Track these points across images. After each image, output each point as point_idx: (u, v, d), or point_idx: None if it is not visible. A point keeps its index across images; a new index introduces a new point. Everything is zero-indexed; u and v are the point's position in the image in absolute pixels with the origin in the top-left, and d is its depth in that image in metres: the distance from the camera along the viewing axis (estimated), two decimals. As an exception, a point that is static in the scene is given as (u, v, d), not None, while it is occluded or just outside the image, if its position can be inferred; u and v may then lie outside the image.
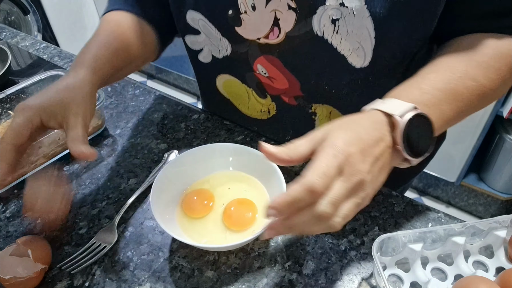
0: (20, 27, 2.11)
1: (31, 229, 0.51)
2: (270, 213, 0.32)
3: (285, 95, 0.58)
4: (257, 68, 0.55)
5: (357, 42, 0.45)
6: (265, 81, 0.57)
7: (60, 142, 0.61)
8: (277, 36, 0.49)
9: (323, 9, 0.44)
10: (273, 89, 0.57)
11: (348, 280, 0.44)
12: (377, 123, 0.36)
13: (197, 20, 0.54)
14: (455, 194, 1.66)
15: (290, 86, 0.55)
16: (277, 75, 0.54)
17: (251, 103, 0.61)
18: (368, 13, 0.42)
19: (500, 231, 0.45)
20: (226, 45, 0.55)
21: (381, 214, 0.51)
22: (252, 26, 0.50)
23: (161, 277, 0.45)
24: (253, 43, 0.52)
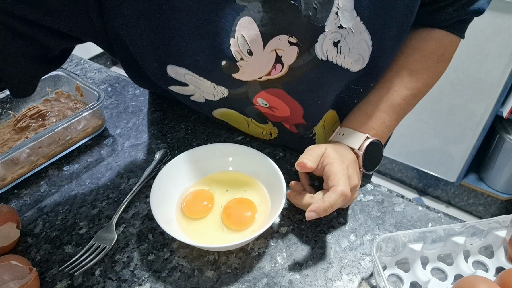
0: (20, 27, 2.11)
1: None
2: (310, 215, 0.43)
3: (286, 122, 0.58)
4: (257, 102, 0.54)
5: (358, 54, 0.47)
6: (266, 111, 0.56)
7: (60, 142, 0.61)
8: (280, 70, 0.48)
9: (323, 36, 0.45)
10: (274, 117, 0.57)
11: (348, 280, 0.44)
12: (348, 151, 0.50)
13: (183, 75, 0.49)
14: (455, 194, 1.66)
15: (292, 114, 0.55)
16: (279, 104, 0.54)
17: (251, 128, 0.61)
18: (364, 27, 0.45)
19: (500, 231, 0.45)
20: (222, 91, 0.51)
21: (381, 214, 0.51)
22: (252, 69, 0.47)
23: (161, 277, 0.45)
24: (253, 82, 0.50)
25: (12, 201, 0.56)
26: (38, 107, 0.67)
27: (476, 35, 1.21)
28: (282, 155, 0.60)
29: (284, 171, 0.50)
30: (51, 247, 0.49)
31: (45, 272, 0.46)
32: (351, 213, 0.52)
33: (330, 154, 0.47)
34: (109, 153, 0.63)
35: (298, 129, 0.59)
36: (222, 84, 0.50)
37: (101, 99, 0.63)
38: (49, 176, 0.59)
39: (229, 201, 0.50)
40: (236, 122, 0.61)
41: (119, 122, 0.69)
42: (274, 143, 0.62)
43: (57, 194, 0.56)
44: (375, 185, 0.55)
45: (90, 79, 0.80)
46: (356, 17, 0.44)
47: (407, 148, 1.61)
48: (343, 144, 0.51)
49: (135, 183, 0.56)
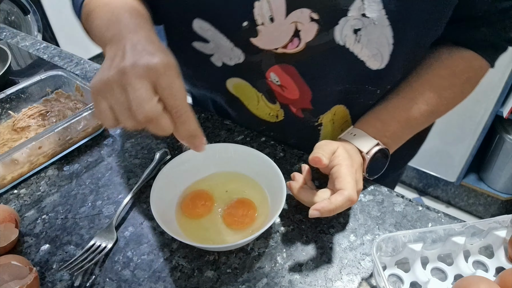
0: (20, 27, 2.11)
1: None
2: (314, 213, 0.43)
3: (293, 105, 0.57)
4: (269, 76, 0.54)
5: (376, 49, 0.46)
6: (276, 89, 0.55)
7: (60, 142, 0.61)
8: (296, 46, 0.48)
9: (345, 20, 0.44)
10: (283, 98, 0.57)
11: (348, 280, 0.44)
12: (356, 153, 0.50)
13: (206, 30, 0.50)
14: (455, 194, 1.66)
15: (301, 97, 0.55)
16: (290, 84, 0.53)
17: (260, 105, 0.60)
18: (388, 22, 0.44)
19: (500, 231, 0.45)
20: (239, 55, 0.52)
21: (381, 214, 0.51)
22: (270, 37, 0.48)
23: (161, 277, 0.45)
24: (268, 52, 0.50)
25: (12, 201, 0.56)
26: (38, 107, 0.67)
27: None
28: (282, 155, 0.60)
29: (284, 171, 0.50)
30: (51, 247, 0.49)
31: (45, 272, 0.46)
32: (351, 213, 0.51)
33: (341, 154, 0.47)
34: (109, 153, 0.63)
35: (304, 114, 0.57)
36: (239, 47, 0.51)
37: (101, 99, 0.63)
38: (49, 176, 0.59)
39: (230, 201, 0.50)
40: (247, 97, 0.60)
41: (119, 122, 0.69)
42: (279, 127, 0.61)
43: (57, 194, 0.56)
44: (375, 185, 0.55)
45: (90, 79, 0.80)
46: (382, 10, 0.43)
47: (407, 148, 1.61)
48: (352, 145, 0.51)
49: (135, 183, 0.56)
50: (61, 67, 0.85)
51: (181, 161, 0.52)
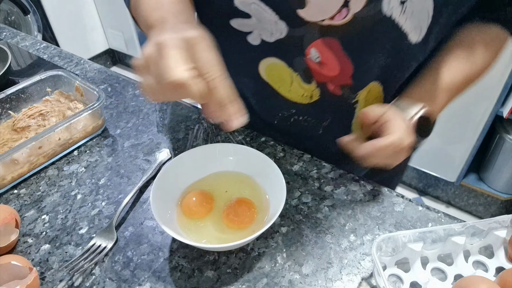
0: (20, 27, 2.12)
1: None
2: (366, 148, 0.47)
3: (332, 82, 0.56)
4: (309, 53, 0.53)
5: (418, 21, 0.48)
6: (314, 66, 0.54)
7: (60, 142, 0.61)
8: (344, 17, 0.47)
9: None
10: (320, 76, 0.55)
11: (348, 280, 0.44)
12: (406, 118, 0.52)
13: (249, 4, 0.49)
14: (455, 194, 1.66)
15: (341, 73, 0.54)
16: (331, 59, 0.53)
17: (293, 87, 0.58)
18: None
19: (500, 231, 0.45)
20: (281, 29, 0.51)
21: (381, 214, 0.51)
22: (318, 7, 0.47)
23: (161, 277, 0.45)
24: (313, 25, 0.49)
25: (12, 201, 0.56)
26: (38, 107, 0.67)
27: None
28: (282, 155, 0.60)
29: (284, 171, 0.50)
30: (51, 247, 0.49)
31: (45, 272, 0.46)
32: (351, 213, 0.52)
33: (391, 113, 0.50)
34: (109, 153, 0.63)
35: (342, 91, 0.57)
36: (284, 19, 0.50)
37: (101, 99, 0.63)
38: (49, 176, 0.59)
39: (229, 201, 0.50)
40: (280, 79, 0.58)
41: (119, 122, 0.69)
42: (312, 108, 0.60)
43: (57, 194, 0.56)
44: (375, 185, 0.55)
45: (90, 79, 0.80)
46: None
47: (407, 148, 1.61)
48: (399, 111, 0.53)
49: (135, 183, 0.56)
50: (61, 67, 0.85)
51: (181, 161, 0.52)
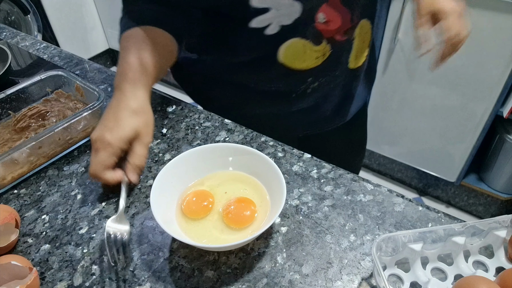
0: (20, 27, 2.12)
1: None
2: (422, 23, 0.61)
3: (338, 33, 0.66)
4: (317, 18, 0.62)
5: None
6: (322, 27, 0.64)
7: (60, 142, 0.61)
8: None
9: None
10: (328, 32, 0.65)
11: (348, 280, 0.44)
12: None
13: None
14: (455, 194, 1.66)
15: (342, 21, 0.64)
16: (333, 15, 0.63)
17: (306, 55, 0.67)
18: None
19: (500, 231, 0.45)
20: (297, 8, 0.60)
21: (381, 214, 0.51)
22: None
23: (161, 277, 0.45)
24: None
25: (12, 201, 0.56)
26: (38, 107, 0.67)
27: (476, 35, 1.21)
28: (282, 155, 0.60)
29: (284, 171, 0.50)
30: (51, 247, 0.49)
31: (45, 272, 0.46)
32: (351, 213, 0.52)
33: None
34: (109, 153, 0.62)
35: (346, 35, 0.67)
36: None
37: (101, 99, 0.63)
38: (49, 176, 0.59)
39: (229, 200, 0.50)
40: (295, 54, 0.66)
41: (119, 122, 0.69)
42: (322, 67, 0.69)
43: (57, 194, 0.56)
44: (375, 185, 0.55)
45: (90, 79, 0.80)
46: None
47: (407, 148, 1.61)
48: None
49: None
50: (61, 67, 0.85)
51: (181, 161, 0.52)
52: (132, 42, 0.59)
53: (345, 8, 0.63)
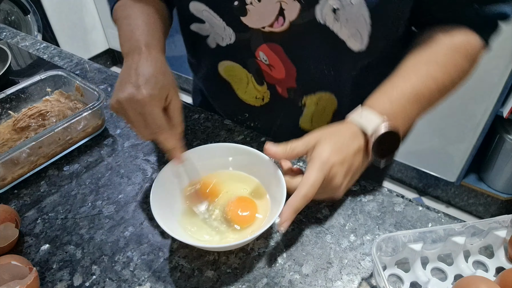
0: (20, 27, 2.12)
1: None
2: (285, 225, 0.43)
3: (280, 85, 0.61)
4: (258, 55, 0.58)
5: (355, 29, 0.50)
6: (265, 68, 0.59)
7: (60, 142, 0.61)
8: (281, 24, 0.52)
9: (324, 0, 0.48)
10: (270, 77, 0.60)
11: (348, 280, 0.44)
12: (356, 135, 0.48)
13: (201, 11, 0.55)
14: (455, 194, 1.66)
15: (287, 76, 0.58)
16: (277, 63, 0.57)
17: (249, 88, 0.64)
18: (364, 3, 0.47)
19: (500, 231, 0.45)
20: (230, 34, 0.57)
21: (381, 214, 0.51)
22: (258, 16, 0.52)
23: (161, 277, 0.45)
24: (256, 31, 0.54)
25: (12, 201, 0.56)
26: (38, 107, 0.67)
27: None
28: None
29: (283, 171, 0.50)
30: (51, 247, 0.49)
31: (45, 272, 0.46)
32: (351, 213, 0.52)
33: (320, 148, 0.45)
34: (109, 153, 0.63)
35: (289, 94, 0.61)
36: (231, 26, 0.55)
37: (101, 99, 0.63)
38: (49, 176, 0.59)
39: (230, 199, 0.50)
40: (238, 79, 0.64)
41: (119, 122, 0.69)
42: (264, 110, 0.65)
43: (57, 194, 0.56)
44: (375, 185, 0.55)
45: (90, 79, 0.80)
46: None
47: (407, 148, 1.61)
48: (353, 128, 0.48)
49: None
50: (61, 67, 0.85)
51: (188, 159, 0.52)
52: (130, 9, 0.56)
53: (290, 61, 0.56)
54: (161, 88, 0.45)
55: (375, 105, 0.50)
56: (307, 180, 0.44)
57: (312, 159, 0.45)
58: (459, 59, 0.52)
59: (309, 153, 0.47)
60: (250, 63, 0.60)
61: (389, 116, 0.48)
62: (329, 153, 0.45)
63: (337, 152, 0.45)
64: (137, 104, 0.44)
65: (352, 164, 0.47)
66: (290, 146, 0.47)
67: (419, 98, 0.51)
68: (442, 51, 0.52)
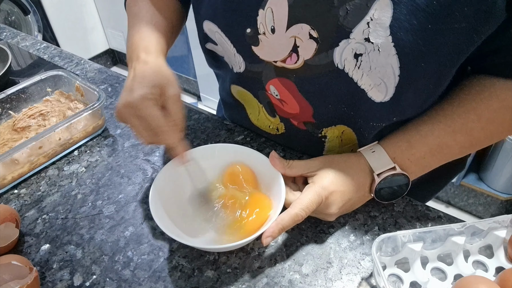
0: (21, 27, 2.12)
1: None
2: (268, 241, 0.43)
3: (294, 119, 0.55)
4: (269, 89, 0.53)
5: (380, 79, 0.42)
6: (276, 102, 0.54)
7: (60, 142, 0.61)
8: (295, 62, 0.47)
9: (346, 43, 0.41)
10: (283, 112, 0.55)
11: (348, 280, 0.44)
12: (362, 171, 0.48)
13: (214, 32, 0.51)
14: (455, 194, 1.66)
15: (301, 112, 0.53)
16: (289, 99, 0.52)
17: (260, 116, 0.60)
18: (394, 51, 0.39)
19: (500, 231, 0.45)
20: (240, 62, 0.52)
21: (381, 214, 0.51)
22: (270, 48, 0.47)
23: (161, 277, 0.45)
24: (268, 64, 0.49)
25: (12, 201, 0.56)
26: (38, 107, 0.67)
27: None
28: (282, 155, 0.60)
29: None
30: (51, 247, 0.49)
31: (45, 272, 0.46)
32: (351, 213, 0.51)
33: (324, 173, 0.46)
34: (109, 153, 0.63)
35: (307, 127, 0.55)
36: (241, 53, 0.51)
37: (101, 99, 0.63)
38: (49, 176, 0.59)
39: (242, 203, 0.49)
40: (250, 105, 0.60)
41: (120, 122, 0.69)
42: (281, 139, 0.61)
43: (57, 194, 0.56)
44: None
45: (90, 79, 0.80)
46: (389, 36, 0.39)
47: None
48: (362, 162, 0.48)
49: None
50: (61, 67, 0.85)
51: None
52: (137, 7, 0.55)
53: (305, 99, 0.50)
54: (153, 87, 0.44)
55: (390, 147, 0.48)
56: (301, 200, 0.44)
57: (313, 182, 0.46)
58: (509, 118, 0.46)
59: (310, 176, 0.48)
60: (261, 95, 0.56)
61: (403, 160, 0.47)
62: (331, 180, 0.46)
63: (341, 182, 0.46)
64: (131, 107, 0.44)
65: (351, 198, 0.47)
66: (290, 163, 0.48)
67: (443, 150, 0.47)
68: (491, 106, 0.45)
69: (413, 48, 0.39)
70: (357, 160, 0.48)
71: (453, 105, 0.47)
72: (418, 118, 0.49)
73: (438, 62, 0.40)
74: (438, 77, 0.42)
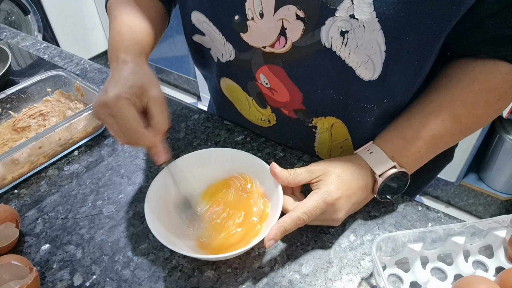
0: (21, 27, 2.12)
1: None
2: (271, 243, 0.42)
3: (285, 108, 0.56)
4: (259, 78, 0.53)
5: (367, 56, 0.43)
6: (266, 92, 0.55)
7: (60, 142, 0.61)
8: (283, 45, 0.47)
9: (332, 21, 0.42)
10: (273, 101, 0.56)
11: (348, 280, 0.44)
12: (364, 173, 0.48)
13: (202, 22, 0.52)
14: (455, 194, 1.66)
15: (291, 99, 0.53)
16: (279, 86, 0.52)
17: (251, 110, 0.61)
18: (379, 26, 0.40)
19: (500, 231, 0.45)
20: (230, 50, 0.52)
21: (381, 214, 0.51)
22: (258, 33, 0.48)
23: (161, 277, 0.45)
24: (257, 50, 0.50)
25: (12, 201, 0.56)
26: (39, 107, 0.67)
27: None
28: (282, 155, 0.60)
29: (284, 171, 0.50)
30: (51, 247, 0.49)
31: (45, 272, 0.46)
32: (351, 213, 0.52)
33: (329, 178, 0.46)
34: (109, 153, 0.63)
35: (297, 115, 0.55)
36: (230, 41, 0.51)
37: (101, 99, 0.63)
38: (49, 176, 0.59)
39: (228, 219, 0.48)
40: (239, 100, 0.61)
41: (119, 122, 0.69)
42: (273, 132, 0.61)
43: (57, 194, 0.56)
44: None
45: (90, 79, 0.80)
46: (373, 12, 0.39)
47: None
48: (362, 164, 0.48)
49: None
50: (61, 67, 0.85)
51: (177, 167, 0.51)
52: (117, 10, 0.55)
53: (294, 85, 0.51)
54: (130, 87, 0.43)
55: (387, 145, 0.49)
56: (305, 204, 0.44)
57: (319, 187, 0.46)
58: (492, 99, 0.47)
59: (315, 182, 0.47)
60: (250, 86, 0.56)
61: (401, 157, 0.48)
62: (337, 186, 0.45)
63: (346, 187, 0.46)
64: (106, 106, 0.43)
65: (356, 201, 0.47)
66: (294, 172, 0.47)
67: (436, 141, 0.48)
68: (474, 89, 0.47)
69: (396, 21, 0.40)
70: (357, 162, 0.49)
71: (439, 95, 0.49)
72: (407, 110, 0.50)
73: (422, 35, 0.41)
74: (422, 54, 0.44)
